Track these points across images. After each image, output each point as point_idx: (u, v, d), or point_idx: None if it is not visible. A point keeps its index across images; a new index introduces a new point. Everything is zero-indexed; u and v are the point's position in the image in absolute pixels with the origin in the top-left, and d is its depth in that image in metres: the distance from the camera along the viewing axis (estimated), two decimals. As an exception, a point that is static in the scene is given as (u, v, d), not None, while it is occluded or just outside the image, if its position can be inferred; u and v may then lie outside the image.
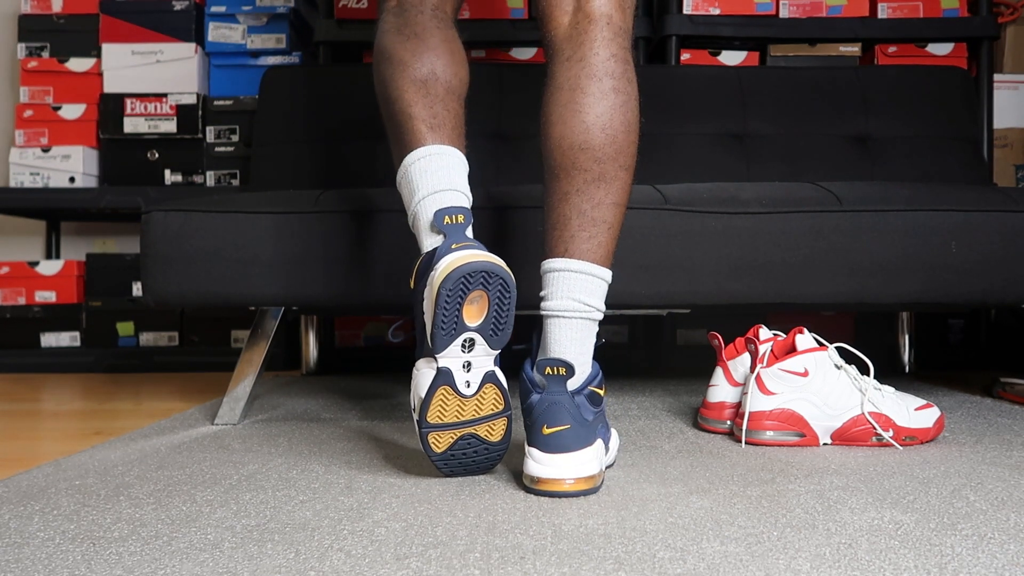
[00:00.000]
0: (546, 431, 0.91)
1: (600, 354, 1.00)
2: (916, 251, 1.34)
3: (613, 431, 1.06)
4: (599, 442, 0.95)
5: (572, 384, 0.93)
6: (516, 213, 1.33)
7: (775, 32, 2.13)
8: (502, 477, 0.99)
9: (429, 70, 1.03)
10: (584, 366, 0.96)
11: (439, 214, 0.95)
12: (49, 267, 2.33)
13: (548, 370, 0.91)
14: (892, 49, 2.18)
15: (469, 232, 0.97)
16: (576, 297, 0.96)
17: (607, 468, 1.02)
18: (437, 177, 0.98)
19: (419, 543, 0.75)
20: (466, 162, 1.03)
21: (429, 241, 0.98)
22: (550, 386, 0.91)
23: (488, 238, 1.28)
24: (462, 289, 0.90)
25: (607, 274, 0.99)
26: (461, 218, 0.95)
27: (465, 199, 1.00)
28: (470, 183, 1.02)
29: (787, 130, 1.96)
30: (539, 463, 0.91)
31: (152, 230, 1.32)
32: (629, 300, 1.33)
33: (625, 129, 0.98)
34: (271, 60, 2.33)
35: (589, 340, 0.97)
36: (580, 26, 0.99)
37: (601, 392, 0.97)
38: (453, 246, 0.93)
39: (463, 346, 0.93)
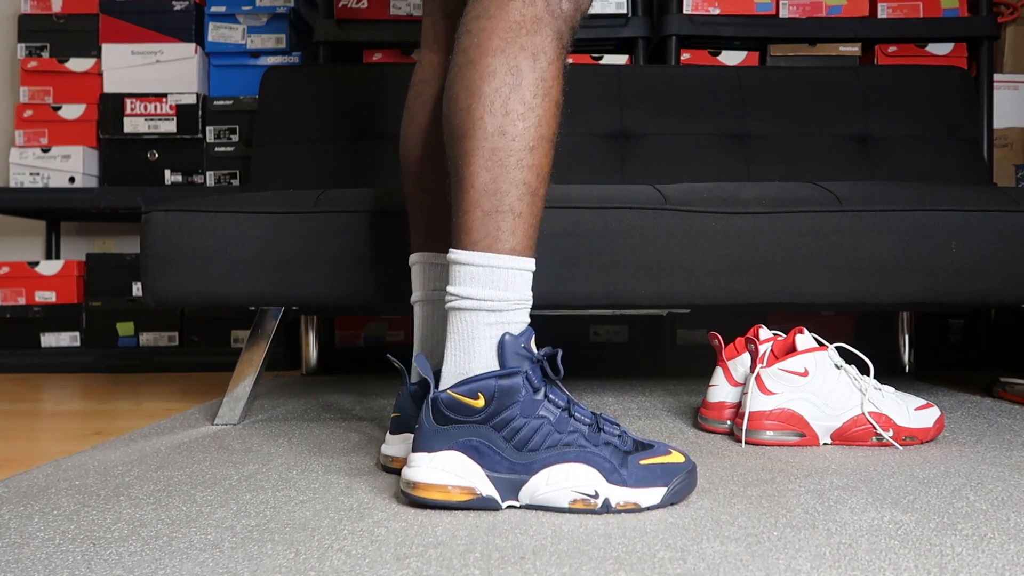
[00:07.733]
0: None
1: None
2: (916, 251, 1.34)
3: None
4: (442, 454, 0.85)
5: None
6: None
7: (775, 32, 2.14)
8: (502, 477, 0.99)
9: (433, 179, 1.06)
10: (453, 362, 0.87)
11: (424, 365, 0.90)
12: (49, 267, 2.33)
13: None
14: (892, 49, 2.18)
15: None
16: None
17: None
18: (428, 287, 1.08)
19: (419, 543, 0.75)
20: None
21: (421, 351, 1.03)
22: None
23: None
24: None
25: (465, 256, 0.88)
26: None
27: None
28: None
29: (787, 130, 1.96)
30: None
31: (152, 230, 1.32)
32: (629, 300, 1.33)
33: (478, 95, 0.87)
34: (271, 60, 2.33)
35: (462, 335, 0.87)
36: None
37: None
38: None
39: None
